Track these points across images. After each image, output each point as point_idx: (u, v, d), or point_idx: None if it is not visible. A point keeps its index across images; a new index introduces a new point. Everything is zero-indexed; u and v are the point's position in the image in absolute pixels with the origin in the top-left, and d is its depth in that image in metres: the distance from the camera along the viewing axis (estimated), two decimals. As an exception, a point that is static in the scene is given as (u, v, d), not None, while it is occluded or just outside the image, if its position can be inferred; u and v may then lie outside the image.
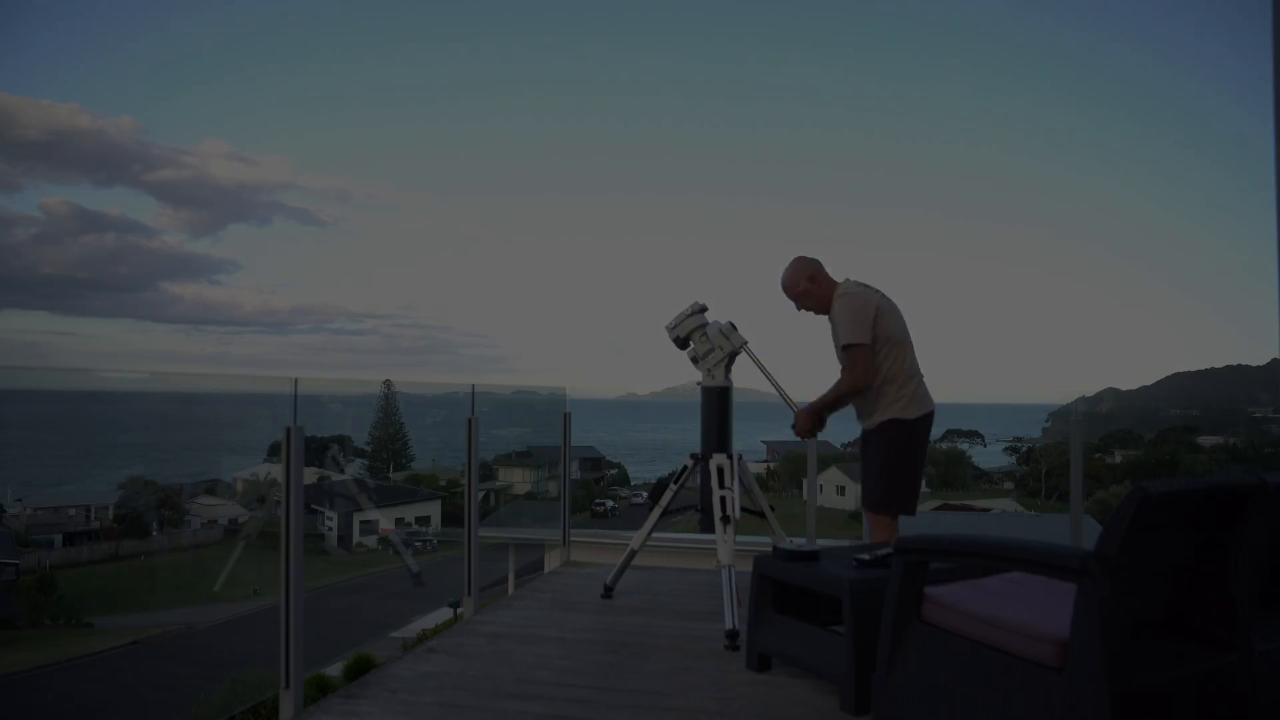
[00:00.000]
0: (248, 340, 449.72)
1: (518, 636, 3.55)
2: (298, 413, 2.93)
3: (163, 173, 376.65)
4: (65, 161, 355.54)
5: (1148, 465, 31.72)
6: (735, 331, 3.84)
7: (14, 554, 21.75)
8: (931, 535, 2.21)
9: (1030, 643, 1.91)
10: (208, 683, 11.29)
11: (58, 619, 20.85)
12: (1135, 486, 1.76)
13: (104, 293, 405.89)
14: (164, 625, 19.94)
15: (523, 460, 17.65)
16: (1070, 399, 7.32)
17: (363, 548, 28.87)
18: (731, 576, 3.47)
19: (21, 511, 23.60)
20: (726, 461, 3.73)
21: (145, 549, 24.18)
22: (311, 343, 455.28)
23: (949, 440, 65.49)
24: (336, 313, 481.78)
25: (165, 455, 27.76)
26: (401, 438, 34.38)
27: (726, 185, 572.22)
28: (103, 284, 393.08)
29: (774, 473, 48.61)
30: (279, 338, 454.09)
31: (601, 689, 2.89)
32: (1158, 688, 1.79)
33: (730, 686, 2.90)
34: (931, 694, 2.13)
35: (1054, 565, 1.87)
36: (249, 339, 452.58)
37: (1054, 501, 40.49)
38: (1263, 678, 1.94)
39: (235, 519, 24.38)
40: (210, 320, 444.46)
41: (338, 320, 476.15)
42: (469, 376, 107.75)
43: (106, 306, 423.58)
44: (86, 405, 17.20)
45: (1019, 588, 2.29)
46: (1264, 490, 1.94)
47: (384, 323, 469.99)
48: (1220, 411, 44.68)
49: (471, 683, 2.97)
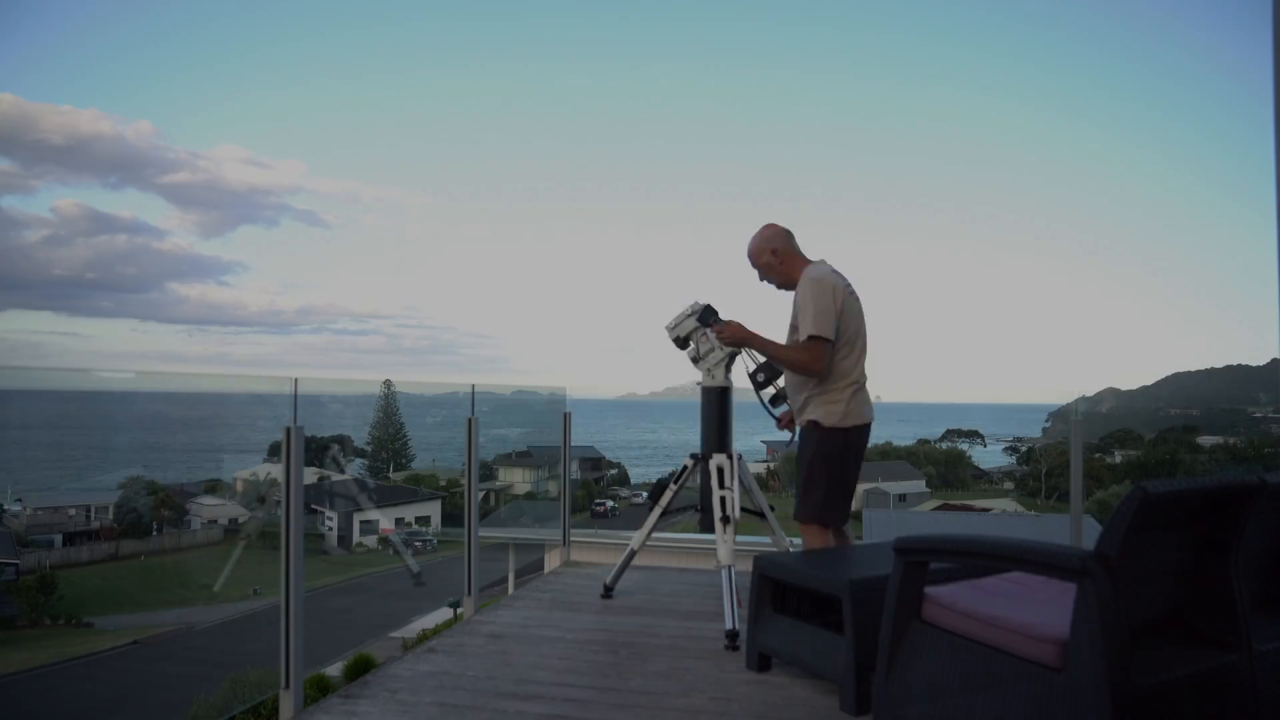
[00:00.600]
0: (251, 340, 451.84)
1: (518, 636, 3.55)
2: (298, 413, 2.93)
3: (176, 176, 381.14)
4: (81, 165, 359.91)
5: (1148, 465, 31.73)
6: (735, 331, 3.83)
7: (14, 554, 21.75)
8: (931, 535, 2.20)
9: (1030, 643, 1.91)
10: (208, 683, 11.30)
11: (58, 619, 20.86)
12: (1135, 486, 1.76)
13: (110, 293, 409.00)
14: (164, 625, 19.95)
15: (523, 460, 17.67)
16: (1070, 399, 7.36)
17: (363, 547, 28.87)
18: (731, 576, 3.47)
19: (21, 511, 23.60)
20: (726, 461, 3.73)
21: (145, 549, 24.19)
22: (314, 343, 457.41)
23: (949, 440, 65.55)
24: (341, 313, 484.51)
25: (165, 455, 27.76)
26: (401, 438, 34.38)
27: (726, 185, 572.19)
28: (109, 284, 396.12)
29: (774, 473, 48.58)
30: (282, 338, 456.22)
31: (601, 689, 2.89)
32: (1158, 688, 1.79)
33: (730, 686, 2.90)
34: (931, 694, 2.13)
35: (1054, 565, 1.87)
36: (252, 339, 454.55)
37: (1054, 501, 40.49)
38: (1263, 678, 1.94)
39: (235, 519, 24.38)
40: (214, 320, 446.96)
41: (341, 320, 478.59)
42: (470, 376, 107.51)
43: (112, 307, 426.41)
44: (87, 405, 17.19)
45: (1019, 588, 2.29)
46: (1264, 490, 1.94)
47: (387, 323, 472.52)
48: (1220, 411, 44.67)
49: (471, 683, 2.97)
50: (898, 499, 43.36)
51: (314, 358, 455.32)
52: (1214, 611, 1.98)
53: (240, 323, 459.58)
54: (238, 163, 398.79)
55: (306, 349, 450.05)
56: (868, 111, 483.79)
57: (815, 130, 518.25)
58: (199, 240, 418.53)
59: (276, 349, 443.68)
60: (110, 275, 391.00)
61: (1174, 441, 36.07)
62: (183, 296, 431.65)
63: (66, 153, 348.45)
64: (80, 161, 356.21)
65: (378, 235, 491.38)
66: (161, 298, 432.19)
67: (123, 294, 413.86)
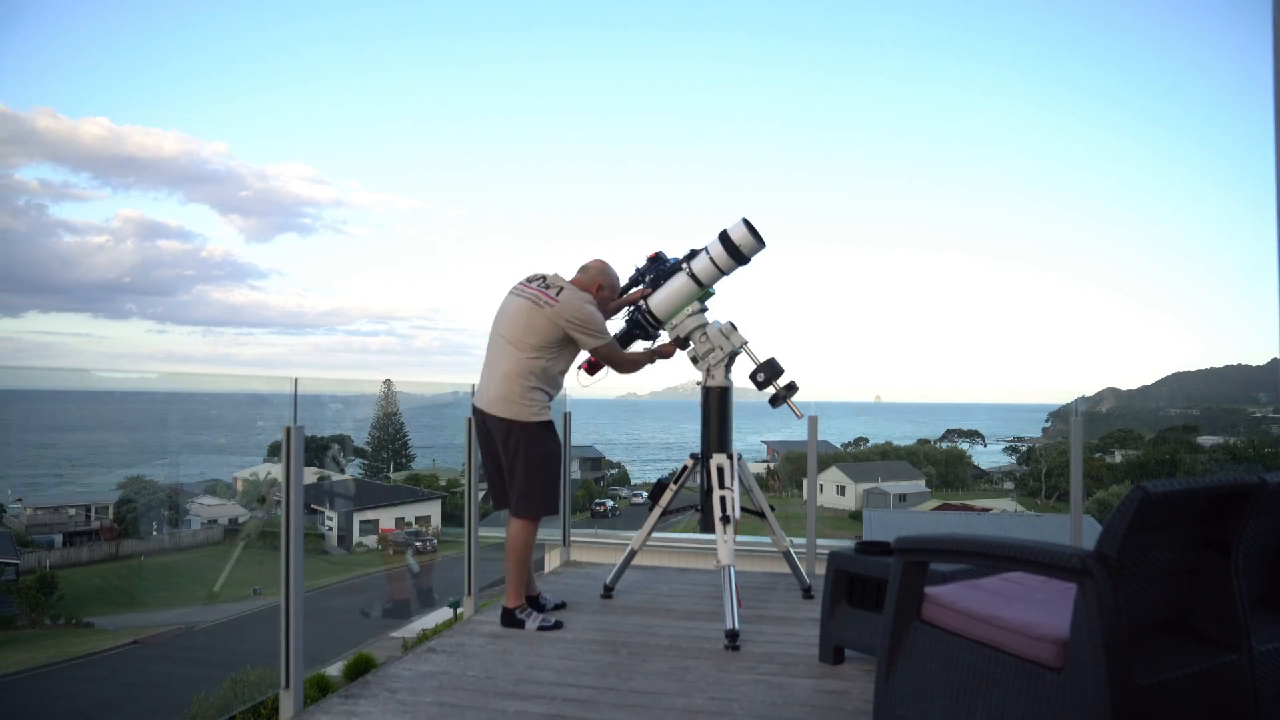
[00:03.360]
0: (264, 342, 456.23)
1: (518, 636, 3.55)
2: (298, 413, 2.93)
3: (235, 189, 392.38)
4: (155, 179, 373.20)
5: (1148, 465, 31.69)
6: (735, 331, 3.84)
7: (14, 554, 21.72)
8: (931, 535, 2.20)
9: (1030, 643, 1.91)
10: (208, 683, 11.28)
11: (58, 619, 20.83)
12: (1135, 486, 1.76)
13: (139, 296, 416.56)
14: (164, 625, 19.92)
15: (523, 460, 17.57)
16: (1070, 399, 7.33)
17: (363, 547, 28.82)
18: (731, 576, 3.47)
19: (21, 511, 23.57)
20: (726, 461, 3.73)
21: (145, 549, 24.16)
22: (324, 343, 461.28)
23: (949, 440, 65.48)
24: (359, 315, 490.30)
25: (165, 455, 27.73)
26: (401, 438, 34.32)
27: (727, 185, 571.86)
28: (142, 288, 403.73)
29: (774, 472, 48.56)
30: (294, 338, 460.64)
31: (601, 689, 2.89)
32: (1158, 688, 1.79)
33: (730, 686, 2.90)
34: (931, 694, 2.13)
35: (1054, 565, 1.87)
36: (265, 340, 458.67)
37: (1054, 501, 40.43)
38: (1263, 678, 1.94)
39: (235, 519, 24.36)
40: (234, 322, 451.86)
41: (357, 322, 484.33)
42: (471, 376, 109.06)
43: (136, 309, 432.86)
44: (87, 405, 17.18)
45: (1019, 588, 2.28)
46: (1264, 490, 1.94)
47: (402, 324, 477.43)
48: (1220, 411, 44.63)
49: (471, 683, 2.97)
50: (898, 499, 43.34)
51: (321, 358, 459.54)
52: (1214, 611, 1.98)
53: (257, 324, 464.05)
54: (298, 179, 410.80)
55: (315, 349, 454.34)
56: (869, 111, 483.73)
57: (819, 130, 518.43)
58: (241, 246, 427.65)
59: (285, 349, 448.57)
60: (145, 279, 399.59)
61: (1174, 441, 36.04)
62: (211, 300, 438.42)
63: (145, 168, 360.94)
64: (154, 176, 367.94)
65: (410, 244, 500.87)
66: (189, 300, 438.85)
67: (151, 297, 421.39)
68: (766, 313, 71.30)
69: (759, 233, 3.63)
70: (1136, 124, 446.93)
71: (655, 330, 3.91)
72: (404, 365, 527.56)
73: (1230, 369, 77.37)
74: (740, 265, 3.71)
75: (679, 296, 3.81)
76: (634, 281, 3.95)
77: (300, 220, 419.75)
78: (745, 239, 3.63)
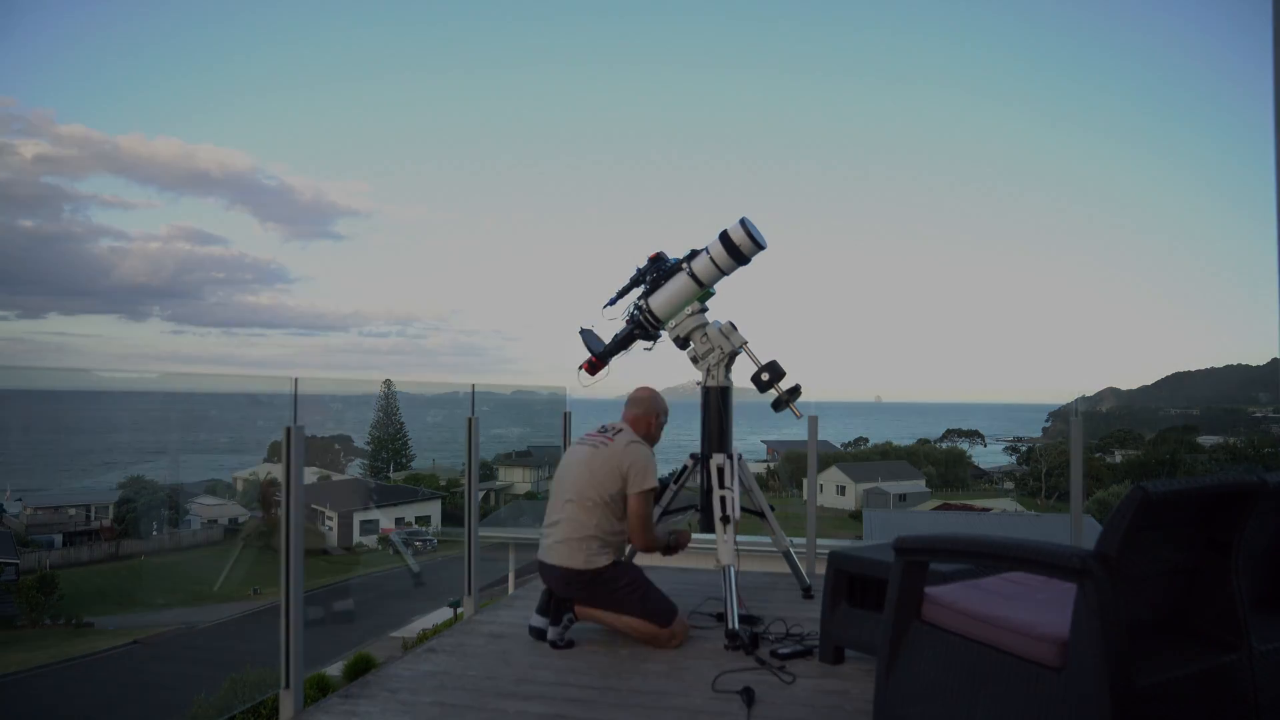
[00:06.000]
0: (277, 343, 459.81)
1: (518, 636, 3.55)
2: (298, 413, 2.93)
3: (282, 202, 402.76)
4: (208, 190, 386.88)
5: (1148, 465, 31.76)
6: (735, 331, 3.83)
7: (14, 554, 21.72)
8: (931, 535, 2.20)
9: (1030, 643, 1.91)
10: (208, 683, 11.29)
11: (58, 619, 20.83)
12: (1135, 486, 1.76)
13: (163, 298, 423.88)
14: (164, 625, 19.93)
15: (523, 460, 17.63)
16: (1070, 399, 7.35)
17: (363, 547, 28.84)
18: (731, 576, 3.47)
19: (21, 511, 23.57)
20: (726, 461, 3.72)
21: (145, 549, 24.15)
22: (333, 343, 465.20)
23: (949, 440, 65.52)
24: (376, 317, 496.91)
25: (165, 455, 27.74)
26: (401, 437, 34.31)
27: (726, 185, 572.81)
28: (169, 291, 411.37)
29: (774, 472, 48.60)
30: (304, 339, 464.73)
31: (601, 689, 2.89)
32: (1158, 688, 1.79)
33: (730, 686, 2.90)
34: (931, 694, 2.13)
35: (1054, 565, 1.87)
36: (278, 341, 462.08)
37: (1054, 501, 40.49)
38: (1263, 678, 1.94)
39: (235, 519, 24.37)
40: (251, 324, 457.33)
41: (373, 323, 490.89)
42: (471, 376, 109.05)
43: (157, 310, 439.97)
44: (87, 405, 17.18)
45: (1019, 588, 2.29)
46: (1264, 490, 1.94)
47: (416, 326, 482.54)
48: (1220, 411, 44.69)
49: (471, 683, 2.97)
50: (898, 499, 43.40)
51: (329, 358, 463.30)
52: (1214, 611, 1.98)
53: (273, 325, 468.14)
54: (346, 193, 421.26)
55: (324, 350, 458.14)
56: (869, 111, 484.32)
57: (819, 129, 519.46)
58: (275, 251, 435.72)
59: (295, 350, 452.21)
60: (176, 283, 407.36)
61: (1174, 441, 36.11)
62: (233, 302, 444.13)
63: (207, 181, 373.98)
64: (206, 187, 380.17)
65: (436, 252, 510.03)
66: (215, 304, 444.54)
67: (176, 299, 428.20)
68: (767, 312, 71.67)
69: (758, 233, 3.63)
70: (1136, 124, 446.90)
71: (656, 330, 3.91)
72: (409, 366, 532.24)
73: (1230, 369, 77.45)
74: (740, 265, 3.70)
75: (679, 296, 3.81)
76: (635, 281, 3.95)
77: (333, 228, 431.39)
78: (744, 239, 3.63)
